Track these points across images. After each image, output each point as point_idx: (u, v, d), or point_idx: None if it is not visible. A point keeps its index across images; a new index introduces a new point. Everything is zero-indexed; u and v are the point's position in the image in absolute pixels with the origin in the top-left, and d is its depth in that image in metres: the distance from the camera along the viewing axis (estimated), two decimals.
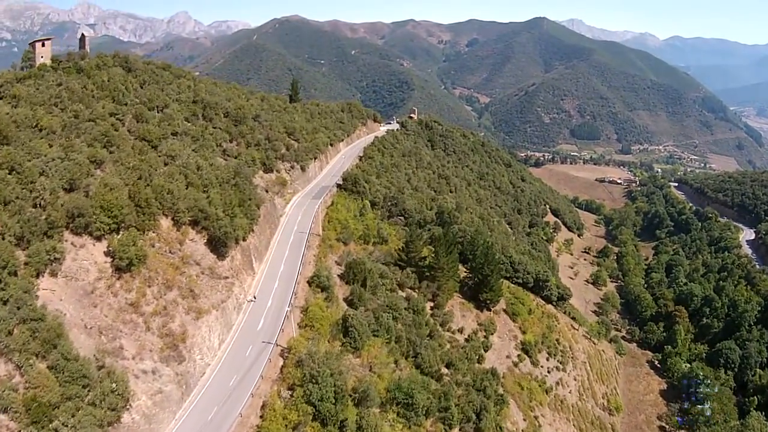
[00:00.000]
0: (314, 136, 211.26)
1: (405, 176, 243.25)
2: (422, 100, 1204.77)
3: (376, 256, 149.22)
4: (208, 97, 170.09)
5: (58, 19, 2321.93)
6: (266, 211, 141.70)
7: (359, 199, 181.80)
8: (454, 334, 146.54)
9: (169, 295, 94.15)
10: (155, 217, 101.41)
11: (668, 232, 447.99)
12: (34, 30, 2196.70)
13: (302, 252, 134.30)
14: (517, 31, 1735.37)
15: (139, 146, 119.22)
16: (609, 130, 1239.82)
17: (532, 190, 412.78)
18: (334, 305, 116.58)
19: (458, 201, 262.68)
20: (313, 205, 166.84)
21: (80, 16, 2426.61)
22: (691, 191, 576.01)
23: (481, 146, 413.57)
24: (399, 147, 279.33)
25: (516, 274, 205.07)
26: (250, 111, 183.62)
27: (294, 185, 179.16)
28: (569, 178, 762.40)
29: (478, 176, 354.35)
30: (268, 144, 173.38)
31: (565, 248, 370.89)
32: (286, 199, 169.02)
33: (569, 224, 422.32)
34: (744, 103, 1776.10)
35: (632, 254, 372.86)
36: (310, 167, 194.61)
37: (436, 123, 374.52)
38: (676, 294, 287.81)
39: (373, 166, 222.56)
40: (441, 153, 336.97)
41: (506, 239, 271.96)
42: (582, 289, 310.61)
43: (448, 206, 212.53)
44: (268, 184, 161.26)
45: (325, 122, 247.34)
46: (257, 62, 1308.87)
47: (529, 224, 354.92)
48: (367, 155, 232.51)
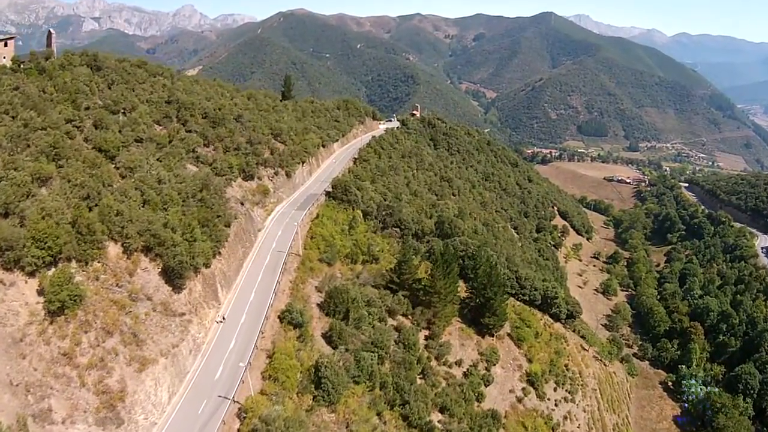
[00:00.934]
0: (304, 138, 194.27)
1: (404, 180, 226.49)
2: (428, 95, 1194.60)
3: (364, 278, 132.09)
4: (184, 96, 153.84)
5: (62, 12, 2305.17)
6: (239, 229, 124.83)
7: (349, 208, 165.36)
8: (451, 368, 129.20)
9: (108, 342, 78.37)
10: (101, 244, 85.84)
11: (680, 236, 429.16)
12: (39, 23, 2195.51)
13: (276, 278, 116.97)
14: (524, 26, 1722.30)
15: (92, 158, 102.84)
16: (616, 126, 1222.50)
17: (540, 191, 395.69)
18: (308, 346, 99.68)
19: (461, 206, 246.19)
20: (297, 217, 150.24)
21: (85, 10, 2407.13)
22: (703, 192, 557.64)
23: (486, 145, 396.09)
24: (398, 147, 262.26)
25: (522, 291, 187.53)
26: (231, 111, 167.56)
27: (277, 194, 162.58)
28: (576, 176, 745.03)
29: (484, 177, 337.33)
30: (250, 148, 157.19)
31: (573, 254, 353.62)
32: (267, 210, 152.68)
33: (578, 227, 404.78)
34: (751, 101, 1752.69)
35: (643, 261, 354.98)
36: (297, 172, 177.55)
37: (440, 120, 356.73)
38: (691, 308, 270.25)
39: (368, 170, 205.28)
40: (444, 152, 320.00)
41: (512, 247, 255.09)
42: (591, 300, 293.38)
43: (448, 215, 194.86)
44: (247, 194, 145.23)
45: (317, 121, 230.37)
46: (261, 56, 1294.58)
47: (537, 228, 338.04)
48: (362, 157, 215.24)
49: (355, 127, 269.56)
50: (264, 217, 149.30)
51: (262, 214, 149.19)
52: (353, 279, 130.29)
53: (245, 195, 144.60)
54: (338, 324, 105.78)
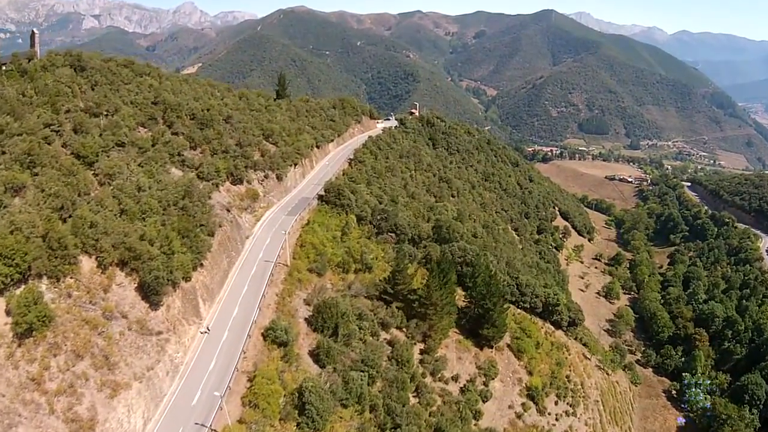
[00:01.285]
0: (297, 139, 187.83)
1: (401, 182, 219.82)
2: (428, 93, 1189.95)
3: (356, 289, 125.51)
4: (170, 97, 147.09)
5: (62, 10, 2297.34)
6: (224, 237, 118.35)
7: (343, 213, 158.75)
8: (447, 384, 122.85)
9: (78, 366, 72.21)
10: (74, 259, 79.58)
11: (683, 237, 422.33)
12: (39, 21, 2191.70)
13: (262, 291, 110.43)
14: (525, 24, 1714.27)
15: (68, 165, 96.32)
16: (617, 124, 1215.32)
17: (540, 191, 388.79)
18: (293, 366, 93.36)
19: (460, 208, 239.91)
20: (287, 223, 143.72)
21: (85, 7, 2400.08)
22: (705, 192, 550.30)
23: (486, 144, 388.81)
24: (396, 147, 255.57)
25: (523, 298, 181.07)
26: (221, 112, 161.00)
27: (268, 198, 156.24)
28: (577, 175, 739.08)
29: (484, 177, 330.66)
30: (239, 150, 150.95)
31: (575, 255, 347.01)
32: (256, 216, 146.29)
33: (579, 228, 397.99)
34: (752, 100, 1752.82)
35: (646, 263, 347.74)
36: (289, 175, 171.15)
37: (439, 119, 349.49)
38: (696, 313, 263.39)
39: (364, 172, 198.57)
40: (443, 152, 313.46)
41: (512, 250, 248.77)
42: (593, 304, 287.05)
43: (446, 218, 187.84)
44: (235, 199, 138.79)
45: (312, 121, 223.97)
46: (261, 54, 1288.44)
47: (538, 229, 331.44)
48: (358, 159, 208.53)
49: (352, 127, 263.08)
50: (253, 223, 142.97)
51: (251, 220, 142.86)
52: (344, 290, 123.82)
53: (233, 200, 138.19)
54: (326, 341, 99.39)
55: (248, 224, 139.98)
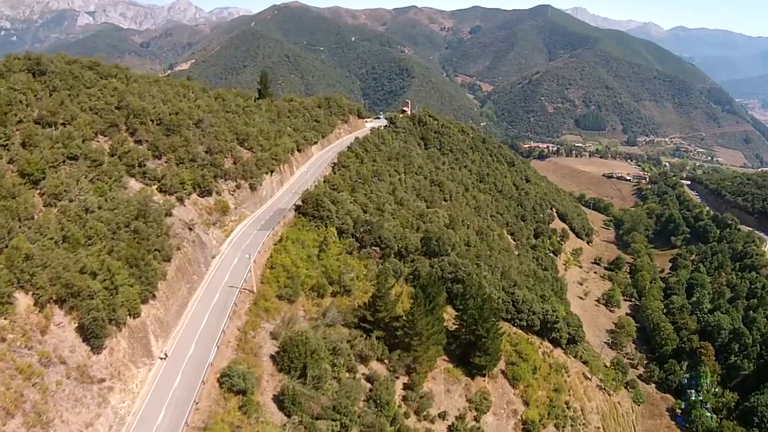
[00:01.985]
0: (275, 143, 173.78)
1: (388, 187, 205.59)
2: (423, 88, 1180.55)
3: (331, 316, 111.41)
4: (135, 101, 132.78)
5: (57, 7, 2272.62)
6: (184, 261, 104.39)
7: (322, 226, 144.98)
8: (434, 423, 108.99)
9: (9, 425, 58.50)
10: (8, 297, 66.55)
11: (684, 239, 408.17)
12: (34, 18, 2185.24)
13: (222, 326, 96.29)
14: (520, 19, 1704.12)
15: (10, 185, 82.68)
16: (614, 120, 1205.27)
17: (537, 192, 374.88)
18: (252, 418, 78.74)
19: (452, 214, 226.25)
20: (259, 239, 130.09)
21: (80, 4, 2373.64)
22: (706, 192, 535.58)
23: (482, 143, 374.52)
24: (384, 149, 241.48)
25: (519, 316, 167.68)
26: (191, 115, 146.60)
27: (240, 210, 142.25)
28: (575, 172, 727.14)
29: (478, 178, 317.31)
30: (208, 158, 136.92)
31: (573, 259, 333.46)
32: (226, 231, 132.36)
33: (578, 230, 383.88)
34: (749, 96, 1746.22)
35: (647, 268, 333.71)
36: (265, 184, 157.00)
37: (431, 117, 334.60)
38: (701, 324, 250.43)
39: (348, 178, 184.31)
40: (436, 153, 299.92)
41: (508, 258, 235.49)
42: (593, 313, 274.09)
43: (436, 230, 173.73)
44: (202, 214, 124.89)
45: (294, 123, 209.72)
46: (254, 49, 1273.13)
47: (535, 233, 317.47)
48: (342, 163, 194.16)
49: (338, 127, 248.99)
50: (221, 239, 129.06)
51: (220, 237, 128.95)
52: (318, 318, 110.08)
53: (199, 214, 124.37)
54: (292, 386, 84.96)
55: (216, 241, 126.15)
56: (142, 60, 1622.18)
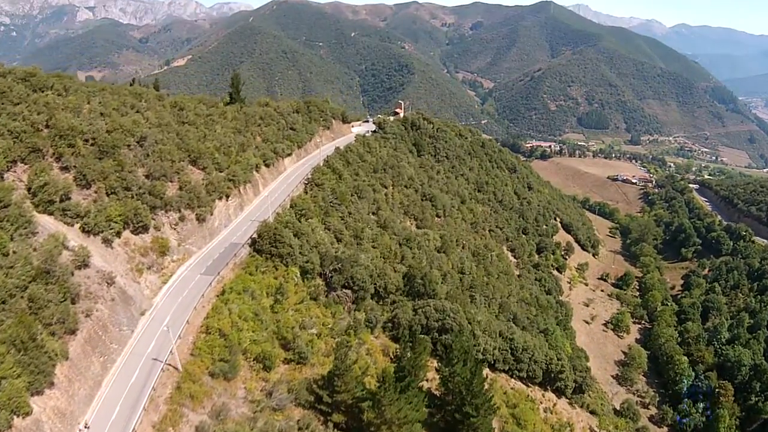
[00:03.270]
0: (236, 159, 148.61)
1: (371, 206, 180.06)
2: (422, 85, 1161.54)
3: (279, 397, 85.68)
4: (65, 118, 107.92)
5: (57, 2, 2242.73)
6: (97, 329, 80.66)
7: (281, 266, 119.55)
8: None
9: None
10: None
11: (695, 251, 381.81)
12: (33, 14, 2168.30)
13: (135, 421, 71.73)
14: (522, 15, 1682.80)
15: None
16: (618, 119, 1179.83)
17: (540, 201, 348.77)
18: None
19: (445, 234, 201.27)
20: (201, 287, 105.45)
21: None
22: (717, 199, 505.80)
23: (480, 147, 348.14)
24: (369, 159, 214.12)
25: (519, 366, 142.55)
26: (132, 131, 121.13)
27: (184, 247, 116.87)
28: (578, 174, 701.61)
29: (476, 187, 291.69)
30: (148, 184, 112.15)
31: (578, 276, 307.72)
32: (164, 276, 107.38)
33: (583, 242, 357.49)
34: (752, 94, 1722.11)
35: (658, 287, 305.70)
36: (218, 211, 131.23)
37: (426, 120, 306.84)
38: (718, 356, 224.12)
39: (321, 199, 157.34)
40: (430, 160, 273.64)
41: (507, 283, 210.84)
42: (600, 340, 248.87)
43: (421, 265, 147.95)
44: (132, 257, 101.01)
45: (265, 132, 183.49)
46: (251, 45, 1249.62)
47: (537, 248, 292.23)
48: (315, 181, 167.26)
49: (318, 135, 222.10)
50: (157, 287, 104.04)
51: (155, 284, 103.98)
52: (263, 400, 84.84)
53: (130, 258, 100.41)
54: None
55: (150, 290, 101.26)
56: (139, 56, 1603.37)
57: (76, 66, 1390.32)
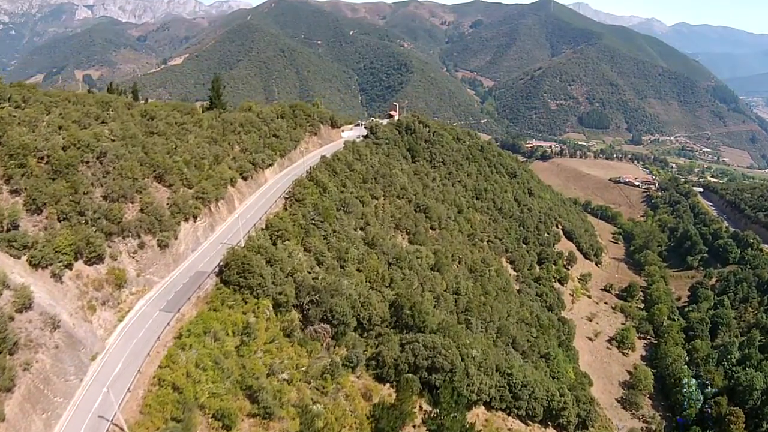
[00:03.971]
0: (207, 174, 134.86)
1: (358, 222, 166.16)
2: (421, 84, 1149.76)
3: None
4: (17, 134, 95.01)
5: (56, 0, 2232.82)
6: (38, 381, 70.79)
7: (252, 298, 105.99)
8: None
9: None
10: None
11: (701, 258, 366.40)
12: (32, 12, 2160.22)
13: None
14: (523, 13, 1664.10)
15: None
16: (619, 118, 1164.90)
17: (542, 207, 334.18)
18: None
19: (440, 249, 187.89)
20: (157, 327, 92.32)
21: None
22: (722, 203, 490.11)
23: (479, 151, 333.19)
24: (359, 168, 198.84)
25: (517, 404, 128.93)
26: (92, 146, 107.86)
27: (144, 277, 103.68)
28: (579, 176, 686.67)
29: (474, 194, 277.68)
30: (104, 207, 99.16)
31: (581, 287, 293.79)
32: (120, 312, 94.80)
33: (586, 251, 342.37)
34: (752, 93, 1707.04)
35: (664, 298, 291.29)
36: (183, 235, 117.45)
37: (421, 124, 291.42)
38: (728, 380, 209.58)
39: (300, 217, 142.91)
40: (425, 167, 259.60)
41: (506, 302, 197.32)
42: (604, 359, 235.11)
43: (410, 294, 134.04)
44: (84, 292, 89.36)
45: (244, 140, 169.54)
46: (249, 43, 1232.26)
47: (538, 259, 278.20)
48: (296, 196, 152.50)
49: (305, 141, 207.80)
50: (113, 325, 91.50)
51: (110, 322, 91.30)
52: None
53: (81, 294, 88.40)
54: None
55: (104, 329, 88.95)
56: (137, 54, 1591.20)
57: (74, 65, 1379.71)
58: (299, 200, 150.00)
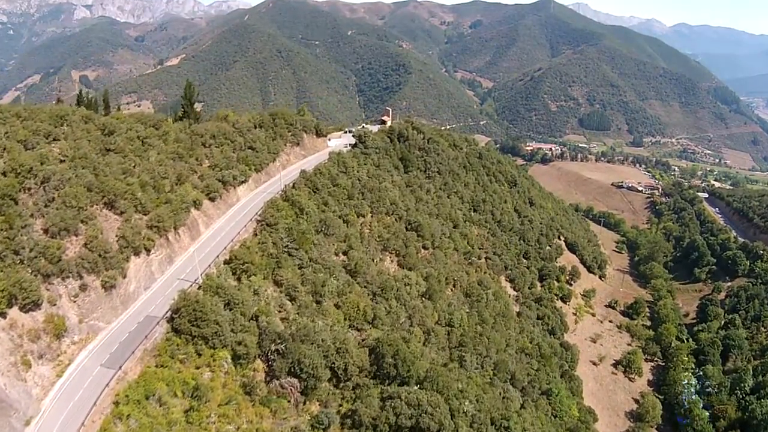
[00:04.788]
0: (167, 197, 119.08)
1: (340, 245, 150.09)
2: (420, 85, 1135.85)
3: None
4: None
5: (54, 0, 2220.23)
6: None
7: (207, 349, 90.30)
8: None
9: None
10: None
11: (710, 271, 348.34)
12: (31, 12, 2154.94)
13: None
14: (522, 13, 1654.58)
15: None
16: (619, 120, 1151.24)
17: (543, 218, 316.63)
18: None
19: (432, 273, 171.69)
20: (97, 387, 77.96)
21: None
22: (729, 211, 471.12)
23: (478, 159, 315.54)
24: (343, 182, 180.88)
25: None
26: (36, 170, 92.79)
27: (88, 324, 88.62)
28: (581, 180, 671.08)
29: (471, 206, 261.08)
30: (42, 244, 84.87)
31: (585, 304, 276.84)
32: (59, 366, 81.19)
33: (589, 264, 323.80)
34: (752, 94, 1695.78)
35: (672, 316, 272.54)
36: (133, 272, 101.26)
37: (416, 131, 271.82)
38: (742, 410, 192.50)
39: (270, 246, 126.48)
40: (418, 177, 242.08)
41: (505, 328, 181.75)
42: (609, 387, 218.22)
43: (393, 339, 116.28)
44: (18, 345, 78.01)
45: (215, 154, 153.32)
46: (245, 44, 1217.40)
47: (540, 275, 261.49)
48: (268, 220, 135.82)
49: (285, 152, 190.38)
50: (50, 382, 77.28)
51: (48, 378, 77.60)
52: None
53: (15, 347, 75.79)
54: None
55: (40, 387, 75.30)
56: (135, 54, 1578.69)
57: (71, 65, 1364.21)
58: (271, 225, 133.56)
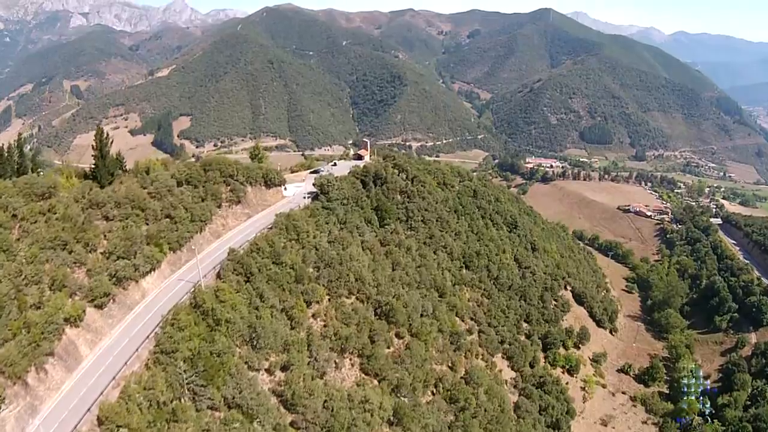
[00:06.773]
0: (27, 318, 77.61)
1: (276, 361, 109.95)
2: (415, 97, 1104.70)
3: None
4: None
5: (51, 8, 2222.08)
6: None
7: None
8: None
9: None
10: None
11: (731, 319, 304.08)
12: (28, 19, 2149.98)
13: None
14: (521, 23, 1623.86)
15: None
16: (621, 132, 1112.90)
17: (547, 266, 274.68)
18: None
19: (403, 382, 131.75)
20: None
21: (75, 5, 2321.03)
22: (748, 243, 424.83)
23: (472, 198, 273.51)
24: (290, 259, 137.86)
25: None
26: None
27: None
28: (584, 202, 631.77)
29: (463, 262, 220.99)
30: None
31: (595, 373, 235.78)
32: None
33: (599, 317, 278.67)
34: (753, 103, 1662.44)
35: (694, 386, 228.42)
36: None
37: (397, 169, 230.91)
38: None
39: (162, 390, 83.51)
40: (398, 230, 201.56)
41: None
42: None
43: None
44: None
45: (115, 234, 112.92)
46: (237, 54, 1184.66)
47: (543, 345, 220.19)
48: (163, 346, 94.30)
49: (219, 217, 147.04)
50: None
51: None
52: None
53: None
54: None
55: None
56: (128, 64, 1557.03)
57: (63, 75, 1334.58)
58: (168, 353, 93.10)
